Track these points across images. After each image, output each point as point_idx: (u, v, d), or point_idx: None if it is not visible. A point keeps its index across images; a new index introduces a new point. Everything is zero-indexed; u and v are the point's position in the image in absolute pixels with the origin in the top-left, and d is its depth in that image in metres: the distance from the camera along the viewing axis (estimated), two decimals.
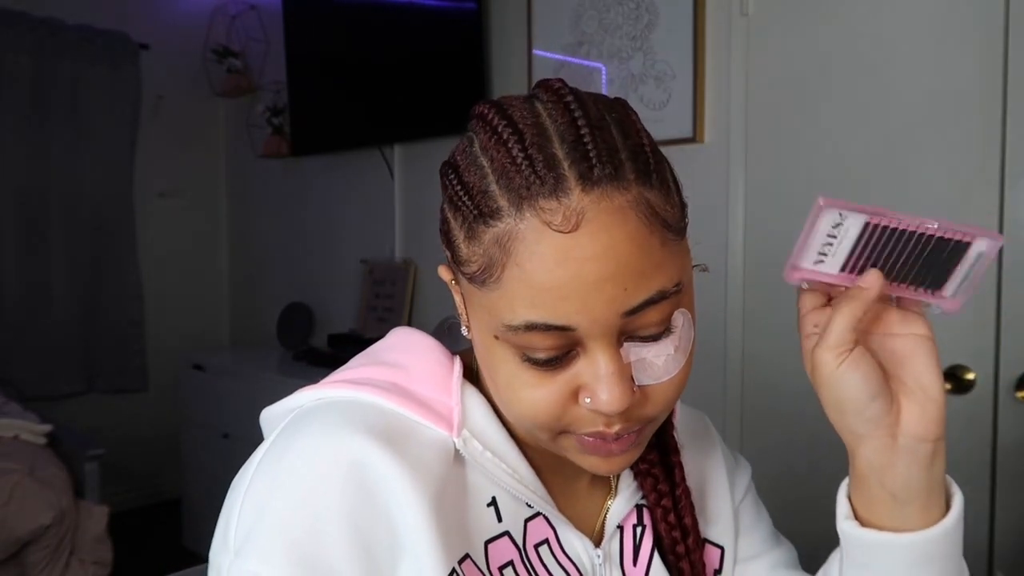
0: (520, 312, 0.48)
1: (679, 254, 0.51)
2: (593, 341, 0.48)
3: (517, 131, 0.48)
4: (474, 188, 0.49)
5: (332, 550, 0.49)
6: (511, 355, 0.50)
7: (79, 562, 2.10)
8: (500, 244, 0.47)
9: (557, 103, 0.50)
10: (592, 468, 0.55)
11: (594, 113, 0.49)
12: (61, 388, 3.29)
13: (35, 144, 3.19)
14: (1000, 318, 1.50)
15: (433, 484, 0.53)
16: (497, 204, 0.48)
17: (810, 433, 1.70)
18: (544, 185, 0.46)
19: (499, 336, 0.50)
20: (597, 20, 2.13)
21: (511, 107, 0.50)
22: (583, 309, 0.47)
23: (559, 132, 0.48)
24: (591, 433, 0.51)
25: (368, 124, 2.81)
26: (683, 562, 0.63)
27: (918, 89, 1.58)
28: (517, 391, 0.51)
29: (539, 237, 0.46)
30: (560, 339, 0.48)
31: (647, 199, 0.48)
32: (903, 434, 0.52)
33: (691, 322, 0.52)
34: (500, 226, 0.47)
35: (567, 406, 0.51)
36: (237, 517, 0.52)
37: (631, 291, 0.47)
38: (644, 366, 0.50)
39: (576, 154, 0.47)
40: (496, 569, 0.56)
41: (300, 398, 0.60)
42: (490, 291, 0.49)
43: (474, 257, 0.49)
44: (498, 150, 0.48)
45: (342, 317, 3.12)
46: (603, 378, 0.48)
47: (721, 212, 1.89)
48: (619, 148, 0.48)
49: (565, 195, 0.46)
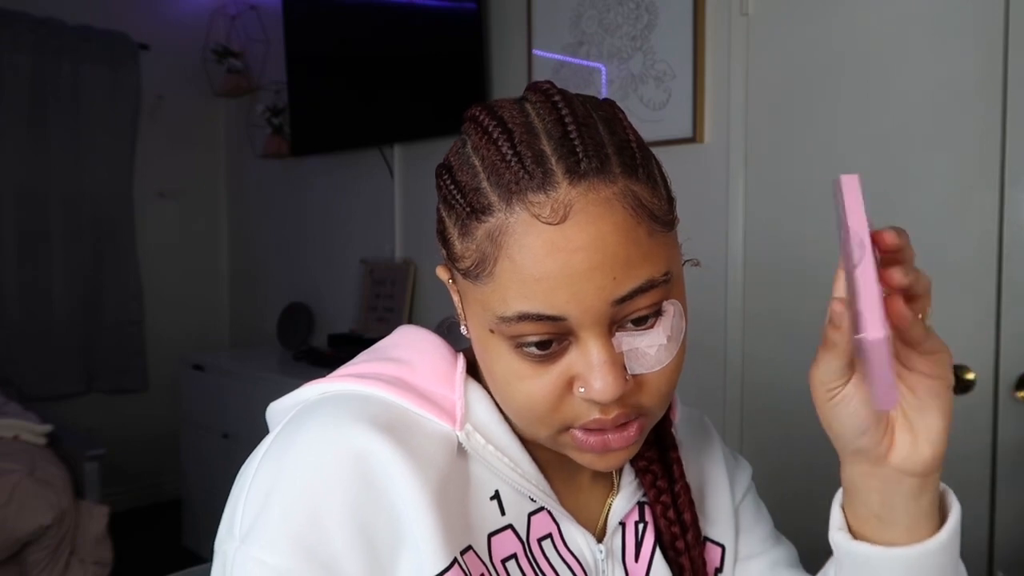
0: (512, 304, 0.49)
1: (667, 245, 0.52)
2: (585, 331, 0.49)
3: (507, 130, 0.50)
4: (466, 186, 0.51)
5: (335, 539, 0.50)
6: (506, 348, 0.51)
7: (79, 562, 2.10)
8: (492, 238, 0.49)
9: (545, 103, 0.51)
10: (590, 464, 0.55)
11: (581, 111, 0.51)
12: (61, 388, 3.30)
13: (35, 144, 3.19)
14: (1000, 318, 1.50)
15: (436, 476, 0.54)
16: (488, 200, 0.49)
17: (810, 433, 1.69)
18: (532, 179, 0.48)
19: (494, 329, 0.51)
20: (597, 20, 2.13)
21: (501, 108, 0.52)
22: (573, 299, 0.48)
23: (547, 129, 0.49)
24: (590, 423, 0.52)
25: (368, 124, 2.81)
26: (683, 558, 0.64)
27: (918, 89, 1.58)
28: (513, 384, 0.52)
29: (528, 229, 0.48)
30: (552, 329, 0.49)
31: (633, 191, 0.49)
32: (890, 466, 0.51)
33: (682, 313, 0.53)
34: (491, 221, 0.49)
35: (563, 397, 0.51)
36: (243, 506, 0.53)
37: (620, 280, 0.48)
38: (636, 355, 0.51)
39: (563, 149, 0.48)
40: (499, 562, 0.57)
41: (306, 392, 0.61)
42: (483, 285, 0.50)
43: (467, 253, 0.51)
44: (488, 148, 0.50)
45: (342, 317, 3.12)
46: (595, 367, 0.49)
47: (721, 212, 1.89)
48: (605, 143, 0.50)
49: (553, 188, 0.47)
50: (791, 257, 1.78)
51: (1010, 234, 1.48)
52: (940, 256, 1.54)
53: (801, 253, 1.76)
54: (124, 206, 3.44)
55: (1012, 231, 1.48)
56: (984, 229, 1.50)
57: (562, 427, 0.53)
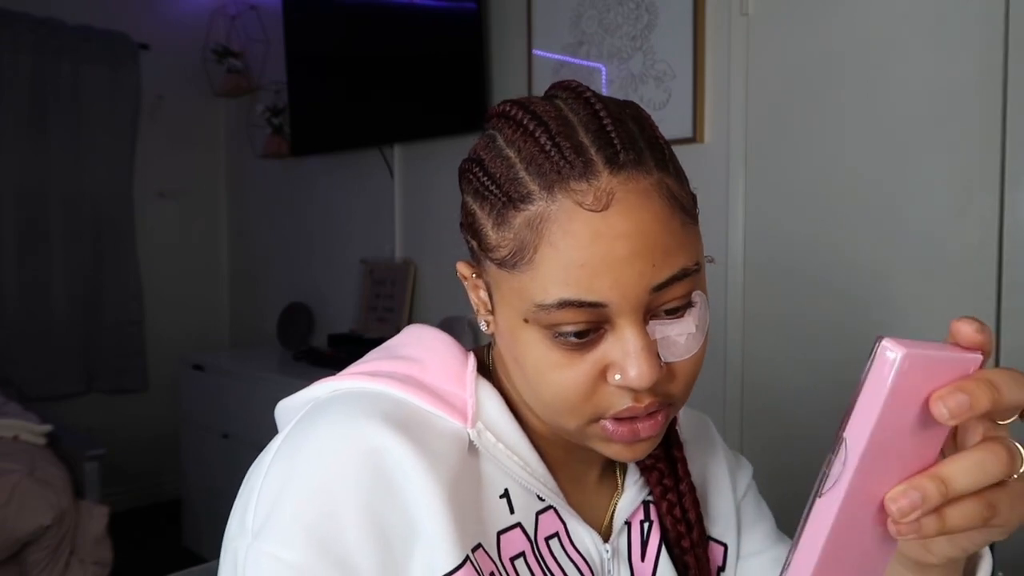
0: (553, 291, 0.49)
1: (695, 237, 0.54)
2: (622, 318, 0.50)
3: (542, 123, 0.51)
4: (502, 177, 0.51)
5: (348, 535, 0.51)
6: (540, 337, 0.51)
7: (79, 562, 2.10)
8: (532, 226, 0.50)
9: (577, 99, 0.53)
10: (616, 455, 0.55)
11: (612, 107, 0.53)
12: (61, 388, 3.30)
13: (35, 144, 3.19)
14: (1000, 318, 1.50)
15: (448, 473, 0.54)
16: (528, 189, 0.50)
17: (810, 433, 1.69)
18: (574, 169, 0.49)
19: (529, 319, 0.51)
20: (597, 20, 2.13)
21: (532, 104, 0.53)
22: (615, 285, 0.48)
23: (583, 123, 0.51)
24: (622, 412, 0.52)
25: (368, 124, 2.81)
26: (688, 556, 0.64)
27: (918, 89, 1.58)
28: (546, 374, 0.52)
29: (571, 217, 0.48)
30: (591, 316, 0.50)
31: (667, 183, 0.51)
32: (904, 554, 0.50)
33: (707, 304, 0.54)
34: (532, 209, 0.50)
35: (596, 386, 0.52)
36: (255, 502, 0.53)
37: (659, 267, 0.49)
38: (668, 344, 0.51)
39: (601, 141, 0.50)
40: (508, 560, 0.57)
41: (317, 390, 0.61)
42: (521, 273, 0.51)
43: (504, 242, 0.51)
44: (525, 140, 0.51)
45: (342, 317, 3.12)
46: (632, 353, 0.50)
47: (721, 212, 1.89)
48: (638, 138, 0.51)
49: (595, 177, 0.49)
50: (791, 257, 1.78)
51: (1010, 234, 1.48)
52: (940, 256, 1.54)
53: (801, 253, 1.76)
54: (124, 206, 3.44)
55: (1012, 231, 1.48)
56: (984, 229, 1.50)
57: (593, 418, 0.53)
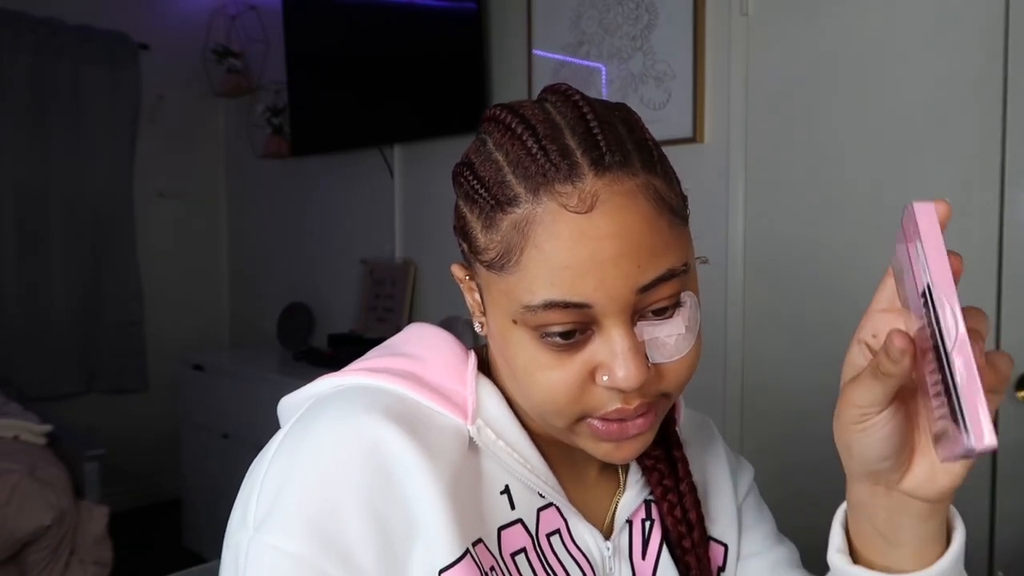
0: (539, 292, 0.50)
1: (684, 238, 0.54)
2: (609, 319, 0.50)
3: (530, 126, 0.51)
4: (490, 180, 0.52)
5: (350, 527, 0.51)
6: (529, 338, 0.52)
7: (79, 562, 2.10)
8: (518, 228, 0.50)
9: (565, 102, 0.53)
10: (605, 456, 0.55)
11: (600, 110, 0.53)
12: (61, 388, 3.30)
13: (35, 144, 3.19)
14: (1000, 318, 1.50)
15: (449, 468, 0.54)
16: (514, 192, 0.50)
17: (810, 432, 1.69)
18: (559, 171, 0.49)
19: (517, 320, 0.52)
20: (597, 20, 2.13)
21: (522, 107, 0.54)
22: (600, 286, 0.49)
23: (570, 125, 0.51)
24: (611, 413, 0.52)
25: (368, 124, 2.81)
26: (690, 556, 0.64)
27: (918, 89, 1.58)
28: (535, 374, 0.53)
29: (556, 219, 0.49)
30: (577, 317, 0.50)
31: (654, 185, 0.51)
32: (902, 489, 0.49)
33: (697, 304, 0.54)
34: (518, 212, 0.50)
35: (585, 387, 0.52)
36: (257, 496, 0.53)
37: (644, 267, 0.49)
38: (657, 345, 0.52)
39: (587, 143, 0.50)
40: (509, 555, 0.57)
41: (319, 386, 0.61)
42: (509, 275, 0.51)
43: (492, 244, 0.52)
44: (512, 144, 0.52)
45: (342, 317, 3.12)
46: (619, 354, 0.50)
47: (721, 212, 1.89)
48: (625, 140, 0.51)
49: (580, 179, 0.49)
50: (791, 257, 1.78)
51: (1010, 234, 1.48)
52: None
53: (801, 253, 1.76)
54: (124, 206, 3.44)
55: (1012, 231, 1.48)
56: (984, 229, 1.50)
57: (580, 417, 0.53)
